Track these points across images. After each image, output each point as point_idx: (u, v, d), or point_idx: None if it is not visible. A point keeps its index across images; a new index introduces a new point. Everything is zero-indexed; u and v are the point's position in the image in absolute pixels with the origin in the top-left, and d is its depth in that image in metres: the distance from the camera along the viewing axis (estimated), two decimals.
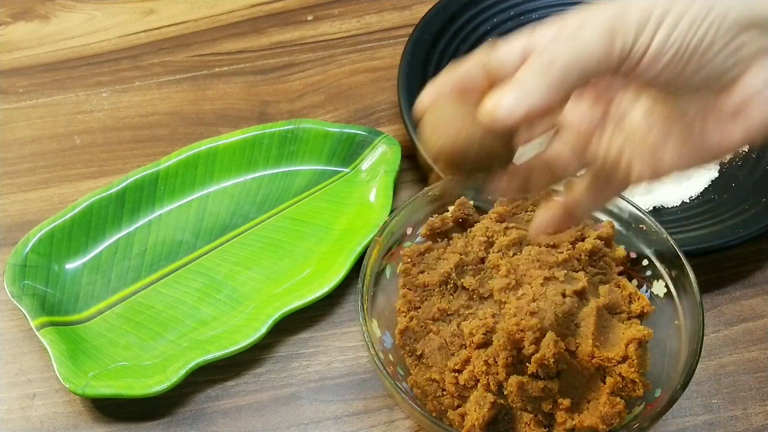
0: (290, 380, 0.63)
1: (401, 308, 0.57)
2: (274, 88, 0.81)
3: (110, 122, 0.78)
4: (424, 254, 0.59)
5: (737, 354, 0.64)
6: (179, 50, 0.84)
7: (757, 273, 0.68)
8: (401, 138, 0.74)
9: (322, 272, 0.65)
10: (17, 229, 0.70)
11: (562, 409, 0.51)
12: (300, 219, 0.70)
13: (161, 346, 0.63)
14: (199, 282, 0.67)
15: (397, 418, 0.61)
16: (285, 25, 0.86)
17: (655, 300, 0.58)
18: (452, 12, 0.80)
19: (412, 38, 0.77)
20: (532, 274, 0.55)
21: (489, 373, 0.52)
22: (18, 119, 0.78)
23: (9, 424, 0.61)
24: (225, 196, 0.72)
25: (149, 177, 0.70)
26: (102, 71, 0.82)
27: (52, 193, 0.73)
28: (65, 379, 0.59)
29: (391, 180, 0.71)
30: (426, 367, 0.55)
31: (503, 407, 0.52)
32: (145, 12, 0.87)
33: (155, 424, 0.61)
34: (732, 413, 0.61)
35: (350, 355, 0.64)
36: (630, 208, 0.59)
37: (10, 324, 0.65)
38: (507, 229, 0.58)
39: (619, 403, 0.52)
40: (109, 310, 0.65)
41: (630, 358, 0.52)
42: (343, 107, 0.79)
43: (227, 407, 0.62)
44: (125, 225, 0.69)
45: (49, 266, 0.66)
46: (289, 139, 0.73)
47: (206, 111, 0.79)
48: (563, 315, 0.53)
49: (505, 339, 0.51)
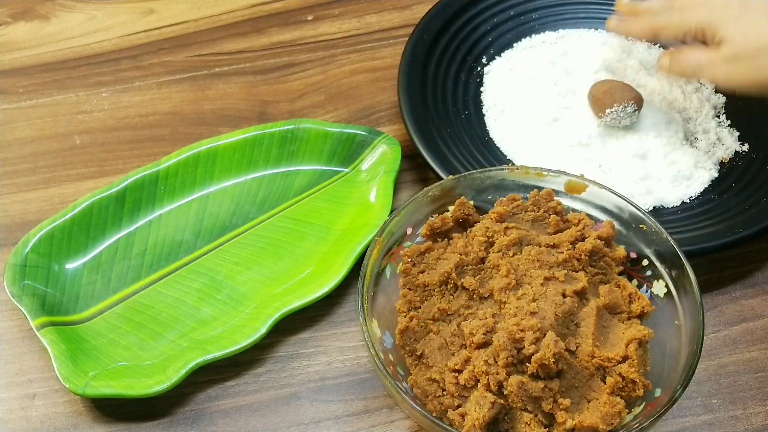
0: (290, 380, 0.63)
1: (401, 308, 0.57)
2: (274, 88, 0.81)
3: (110, 122, 0.78)
4: (424, 254, 0.59)
5: (737, 354, 0.64)
6: (179, 50, 0.84)
7: (757, 273, 0.68)
8: (401, 138, 0.74)
9: (322, 272, 0.65)
10: (17, 229, 0.70)
11: (562, 409, 0.51)
12: (300, 219, 0.70)
13: (161, 346, 0.63)
14: (199, 282, 0.67)
15: (397, 418, 0.61)
16: (285, 25, 0.86)
17: (655, 300, 0.58)
18: (452, 12, 0.80)
19: (412, 38, 0.77)
20: (532, 274, 0.55)
21: (489, 373, 0.52)
22: (18, 119, 0.78)
23: (9, 424, 0.61)
24: (225, 196, 0.72)
25: (149, 177, 0.70)
26: (102, 71, 0.82)
27: (52, 193, 0.73)
28: (65, 379, 0.59)
29: (391, 180, 0.71)
30: (426, 367, 0.55)
31: (503, 407, 0.52)
32: (145, 12, 0.87)
33: (155, 424, 0.61)
34: (732, 413, 0.61)
35: (350, 355, 0.64)
36: (630, 208, 0.59)
37: (10, 324, 0.65)
38: (507, 229, 0.58)
39: (619, 403, 0.52)
40: (109, 310, 0.65)
41: (630, 358, 0.52)
42: (343, 107, 0.79)
43: (227, 407, 0.62)
44: (125, 225, 0.69)
45: (49, 266, 0.66)
46: (289, 139, 0.73)
47: (206, 111, 0.79)
48: (563, 315, 0.53)
49: (505, 339, 0.51)
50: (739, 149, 0.73)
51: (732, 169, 0.72)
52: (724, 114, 0.76)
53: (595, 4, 0.83)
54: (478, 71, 0.79)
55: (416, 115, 0.72)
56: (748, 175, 0.71)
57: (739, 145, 0.74)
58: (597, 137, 0.72)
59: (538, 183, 0.61)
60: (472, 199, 0.61)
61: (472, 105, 0.77)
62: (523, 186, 0.61)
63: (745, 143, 0.74)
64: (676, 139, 0.73)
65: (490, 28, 0.81)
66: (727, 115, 0.76)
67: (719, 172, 0.72)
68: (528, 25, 0.82)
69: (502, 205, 0.60)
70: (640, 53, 0.78)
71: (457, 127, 0.74)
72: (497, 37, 0.81)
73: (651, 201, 0.70)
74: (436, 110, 0.74)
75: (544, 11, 0.82)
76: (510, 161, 0.73)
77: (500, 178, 0.61)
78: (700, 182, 0.71)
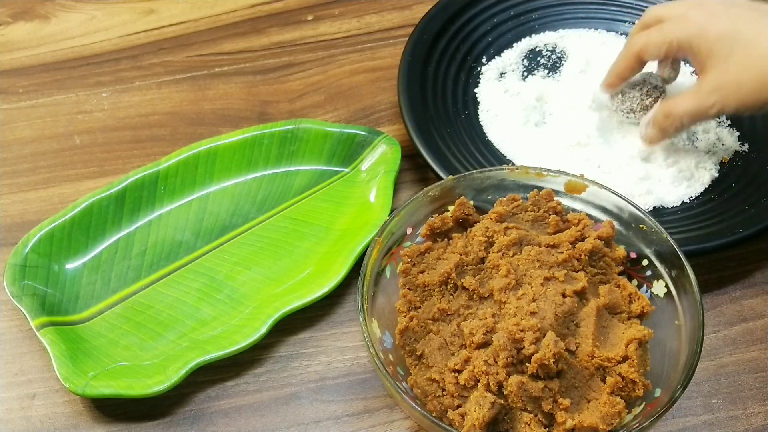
0: (290, 380, 0.63)
1: (401, 308, 0.57)
2: (274, 88, 0.81)
3: (110, 122, 0.78)
4: (424, 254, 0.59)
5: (737, 354, 0.64)
6: (179, 50, 0.84)
7: (757, 273, 0.68)
8: (401, 138, 0.74)
9: (322, 272, 0.65)
10: (17, 229, 0.70)
11: (562, 409, 0.51)
12: (300, 219, 0.70)
13: (161, 346, 0.63)
14: (199, 282, 0.67)
15: (397, 418, 0.61)
16: (285, 25, 0.86)
17: (655, 300, 0.58)
18: (452, 12, 0.80)
19: (412, 38, 0.77)
20: (532, 274, 0.55)
21: (489, 373, 0.52)
22: (18, 119, 0.78)
23: (9, 424, 0.61)
24: (225, 196, 0.72)
25: (149, 177, 0.70)
26: (102, 71, 0.82)
27: (52, 193, 0.73)
28: (65, 379, 0.59)
29: (391, 180, 0.71)
30: (426, 367, 0.55)
31: (503, 407, 0.52)
32: (145, 12, 0.87)
33: (155, 424, 0.61)
34: (732, 413, 0.61)
35: (350, 355, 0.64)
36: (630, 208, 0.59)
37: (10, 324, 0.65)
38: (507, 229, 0.58)
39: (619, 403, 0.52)
40: (109, 310, 0.65)
41: (630, 358, 0.52)
42: (343, 107, 0.79)
43: (227, 407, 0.62)
44: (125, 225, 0.69)
45: (49, 266, 0.66)
46: (289, 139, 0.73)
47: (206, 111, 0.79)
48: (563, 315, 0.53)
49: (505, 339, 0.51)
50: (739, 149, 0.73)
51: (732, 169, 0.72)
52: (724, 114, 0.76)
53: (595, 4, 0.83)
54: (478, 71, 0.79)
55: (416, 115, 0.72)
56: (748, 175, 0.71)
57: (739, 145, 0.74)
58: (596, 137, 0.72)
59: (538, 183, 0.61)
60: (472, 199, 0.61)
61: (472, 105, 0.77)
62: (523, 186, 0.61)
63: (745, 143, 0.74)
64: (677, 139, 0.73)
65: (490, 28, 0.81)
66: (727, 116, 0.76)
67: (719, 172, 0.72)
68: (528, 25, 0.82)
69: (502, 205, 0.60)
70: None
71: (457, 127, 0.74)
72: (497, 37, 0.81)
73: (651, 201, 0.70)
74: (436, 110, 0.74)
75: (544, 11, 0.82)
76: (510, 161, 0.73)
77: (500, 178, 0.61)
78: (700, 182, 0.71)
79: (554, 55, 0.80)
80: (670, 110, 0.66)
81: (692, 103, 0.64)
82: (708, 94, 0.63)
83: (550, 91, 0.76)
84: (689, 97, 0.65)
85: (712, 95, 0.63)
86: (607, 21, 0.82)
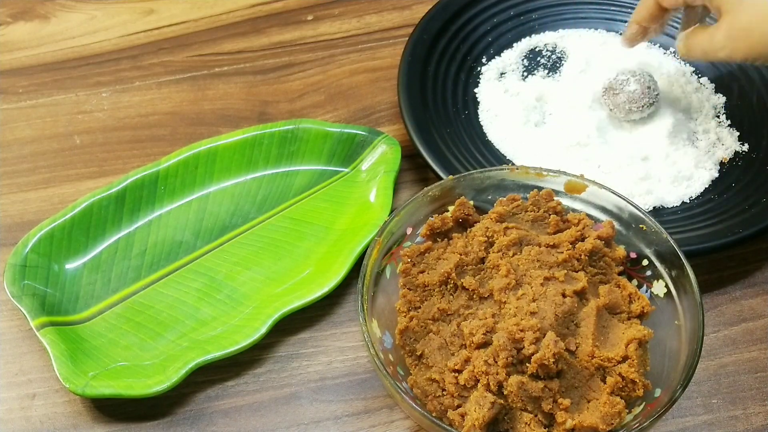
0: (290, 380, 0.63)
1: (401, 308, 0.57)
2: (274, 88, 0.81)
3: (110, 122, 0.78)
4: (424, 254, 0.59)
5: (737, 354, 0.64)
6: (179, 50, 0.84)
7: (757, 273, 0.68)
8: (401, 138, 0.74)
9: (322, 272, 0.65)
10: (17, 229, 0.70)
11: (562, 409, 0.51)
12: (300, 219, 0.70)
13: (161, 346, 0.63)
14: (199, 282, 0.67)
15: (397, 418, 0.61)
16: (285, 25, 0.86)
17: (655, 300, 0.58)
18: (452, 12, 0.80)
19: (412, 38, 0.77)
20: (532, 274, 0.55)
21: (489, 373, 0.52)
22: (18, 119, 0.78)
23: (9, 424, 0.61)
24: (225, 196, 0.72)
25: (149, 177, 0.70)
26: (102, 71, 0.82)
27: (52, 193, 0.73)
28: (65, 379, 0.59)
29: (391, 180, 0.71)
30: (426, 367, 0.55)
31: (503, 407, 0.52)
32: (145, 12, 0.87)
33: (155, 424, 0.61)
34: (732, 413, 0.61)
35: (350, 355, 0.64)
36: (630, 208, 0.59)
37: (10, 324, 0.65)
38: (507, 229, 0.58)
39: (619, 403, 0.52)
40: (109, 310, 0.65)
41: (630, 358, 0.52)
42: (343, 107, 0.79)
43: (227, 407, 0.62)
44: (125, 225, 0.69)
45: (49, 266, 0.66)
46: (289, 139, 0.73)
47: (206, 111, 0.79)
48: (563, 315, 0.53)
49: (505, 339, 0.51)
50: (739, 149, 0.73)
51: (732, 169, 0.72)
52: (724, 114, 0.76)
53: (595, 4, 0.83)
54: (478, 71, 0.79)
55: (416, 115, 0.72)
56: (748, 175, 0.71)
57: (739, 145, 0.74)
58: (596, 137, 0.72)
59: (538, 183, 0.61)
60: (472, 199, 0.61)
61: (472, 105, 0.77)
62: (523, 186, 0.61)
63: (745, 143, 0.74)
64: (677, 139, 0.73)
65: (490, 28, 0.81)
66: (727, 115, 0.76)
67: (719, 172, 0.72)
68: (528, 25, 0.82)
69: (502, 205, 0.60)
70: (640, 54, 0.78)
71: (457, 127, 0.74)
72: (497, 37, 0.81)
73: (651, 201, 0.70)
74: (436, 110, 0.74)
75: (544, 11, 0.82)
76: (510, 161, 0.73)
77: (500, 178, 0.61)
78: (700, 182, 0.71)
79: (554, 55, 0.80)
80: (689, 40, 0.67)
81: (705, 43, 0.65)
82: (718, 38, 0.63)
83: (550, 91, 0.76)
84: (705, 35, 0.65)
85: (722, 40, 0.63)
86: (607, 21, 0.82)
